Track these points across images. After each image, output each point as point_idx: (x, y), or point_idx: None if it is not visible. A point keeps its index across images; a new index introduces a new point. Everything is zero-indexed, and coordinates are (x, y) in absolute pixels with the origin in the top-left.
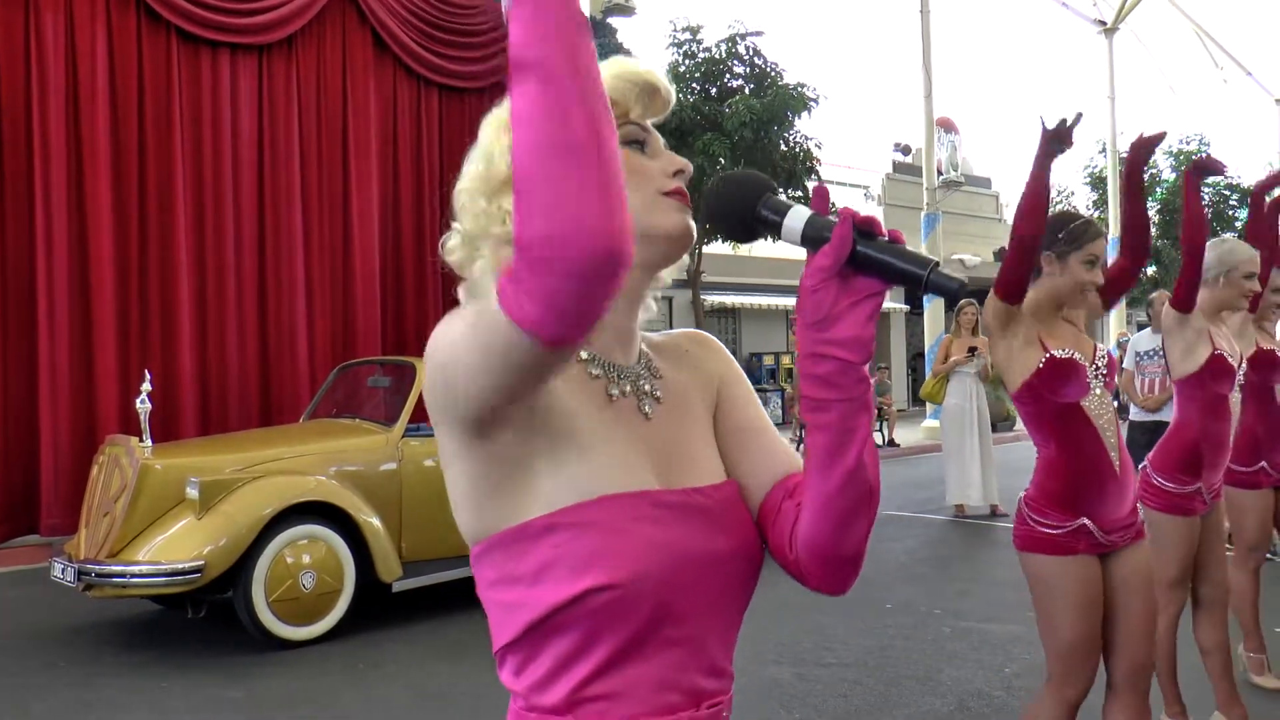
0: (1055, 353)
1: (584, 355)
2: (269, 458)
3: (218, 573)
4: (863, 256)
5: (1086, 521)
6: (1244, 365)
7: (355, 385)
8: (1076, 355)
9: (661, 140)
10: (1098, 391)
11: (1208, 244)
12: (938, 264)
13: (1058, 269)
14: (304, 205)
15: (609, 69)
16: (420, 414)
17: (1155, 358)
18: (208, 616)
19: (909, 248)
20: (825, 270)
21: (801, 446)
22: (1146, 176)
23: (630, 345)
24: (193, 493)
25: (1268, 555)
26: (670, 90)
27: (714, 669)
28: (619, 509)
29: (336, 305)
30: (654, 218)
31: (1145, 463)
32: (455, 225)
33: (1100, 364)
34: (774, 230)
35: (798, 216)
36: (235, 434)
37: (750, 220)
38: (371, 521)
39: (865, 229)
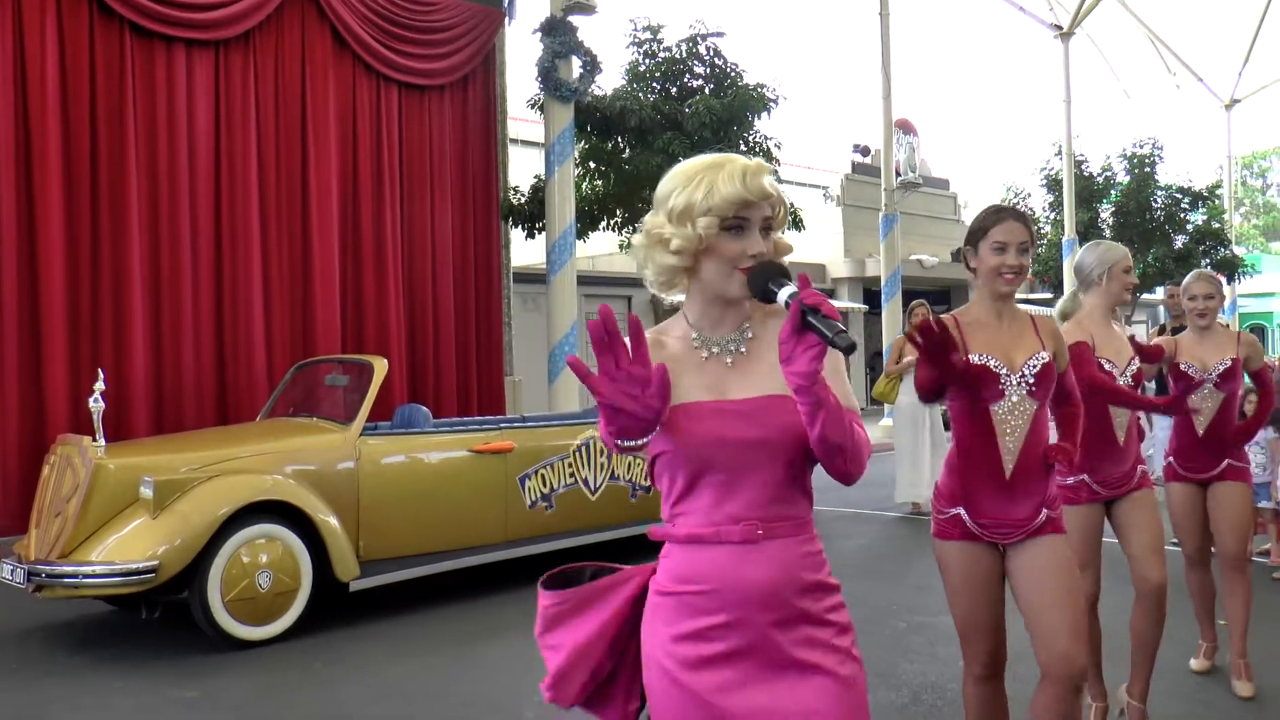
0: (972, 358)
1: (693, 335)
2: (225, 457)
3: (172, 573)
4: (808, 323)
5: (961, 511)
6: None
7: (313, 384)
8: (994, 363)
9: (762, 224)
10: (1014, 400)
11: (1084, 247)
12: (843, 331)
13: (976, 260)
14: (261, 203)
15: (734, 177)
16: (378, 413)
17: None
18: (162, 617)
19: (832, 320)
20: (788, 331)
21: None
22: (1101, 179)
23: (720, 327)
24: (147, 492)
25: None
26: (774, 188)
27: (747, 505)
28: (682, 410)
29: (295, 304)
30: (726, 284)
31: None
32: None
33: (1029, 372)
34: (774, 297)
35: (786, 292)
36: (191, 433)
37: (766, 289)
38: (329, 521)
39: (813, 306)
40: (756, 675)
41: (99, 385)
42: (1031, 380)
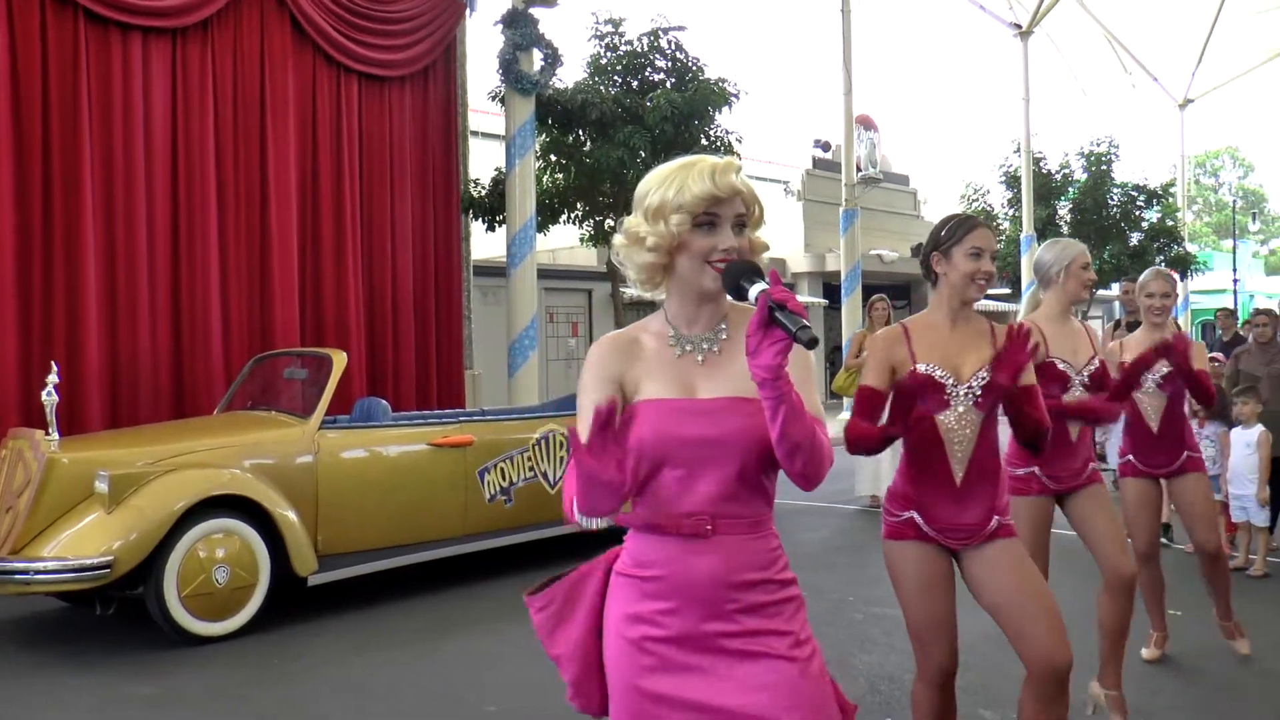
0: (919, 367)
1: (670, 333)
2: (182, 450)
3: (128, 568)
4: (775, 318)
5: (915, 515)
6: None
7: (271, 377)
8: (940, 374)
9: (734, 221)
10: (960, 409)
11: (1043, 245)
12: (806, 326)
13: (946, 266)
14: (219, 194)
15: (703, 174)
16: (337, 406)
17: None
18: (117, 613)
19: (797, 316)
20: (755, 325)
21: None
22: (1059, 177)
23: (695, 325)
24: (102, 486)
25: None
26: (745, 185)
27: (702, 500)
28: (648, 406)
29: (253, 296)
30: (699, 278)
31: None
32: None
33: (977, 384)
34: (746, 294)
35: (756, 288)
36: (146, 426)
37: (739, 286)
38: (287, 515)
39: (780, 302)
40: (695, 664)
41: (52, 378)
42: (979, 392)
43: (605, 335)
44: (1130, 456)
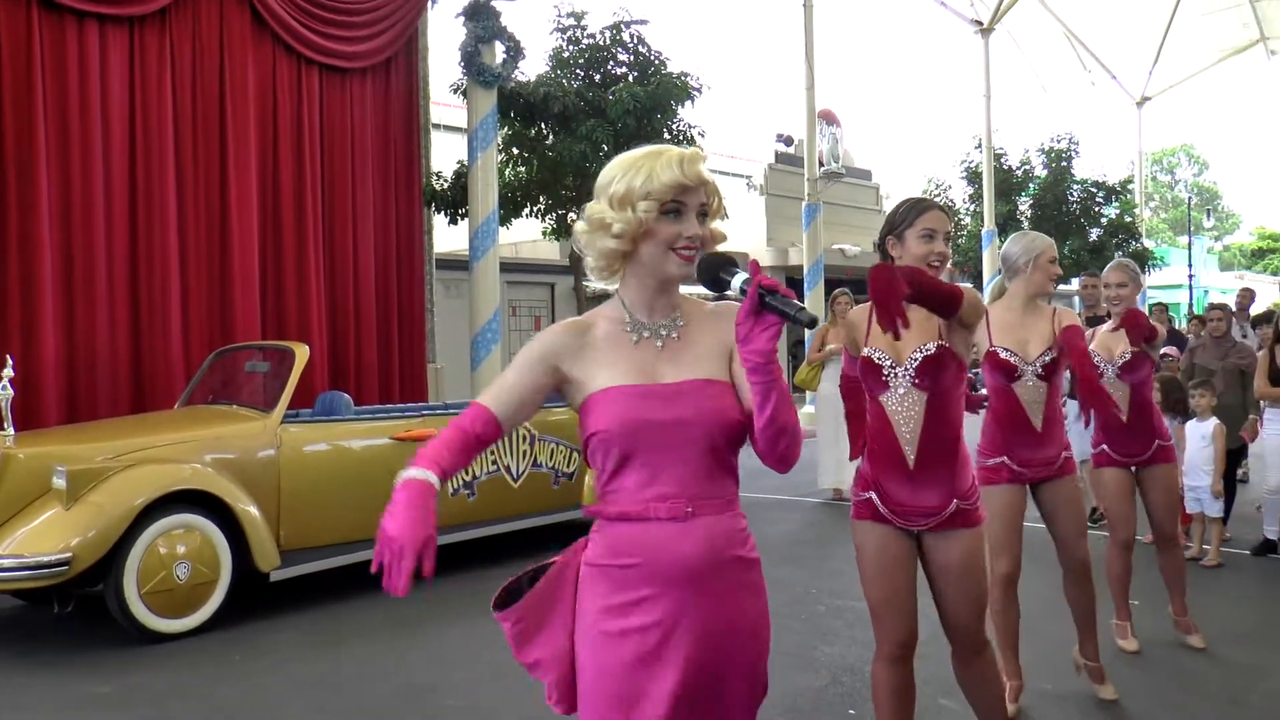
0: (865, 351)
1: (625, 320)
2: (141, 445)
3: (86, 565)
4: (767, 304)
5: (872, 495)
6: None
7: (232, 370)
8: (878, 356)
9: (698, 210)
10: (900, 391)
11: (1011, 237)
12: (802, 308)
13: (900, 249)
14: (178, 185)
15: (671, 163)
16: (299, 400)
17: None
18: (76, 612)
19: (790, 299)
20: (745, 312)
21: None
22: (1020, 173)
23: (653, 313)
24: (60, 482)
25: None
26: (709, 177)
27: (675, 483)
28: (613, 393)
29: (213, 289)
30: (663, 264)
31: None
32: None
33: (911, 365)
34: (726, 286)
35: (739, 279)
36: (105, 421)
37: (718, 278)
38: (249, 510)
39: (770, 288)
40: (675, 651)
41: (7, 372)
42: (912, 372)
43: (563, 320)
44: (1104, 446)
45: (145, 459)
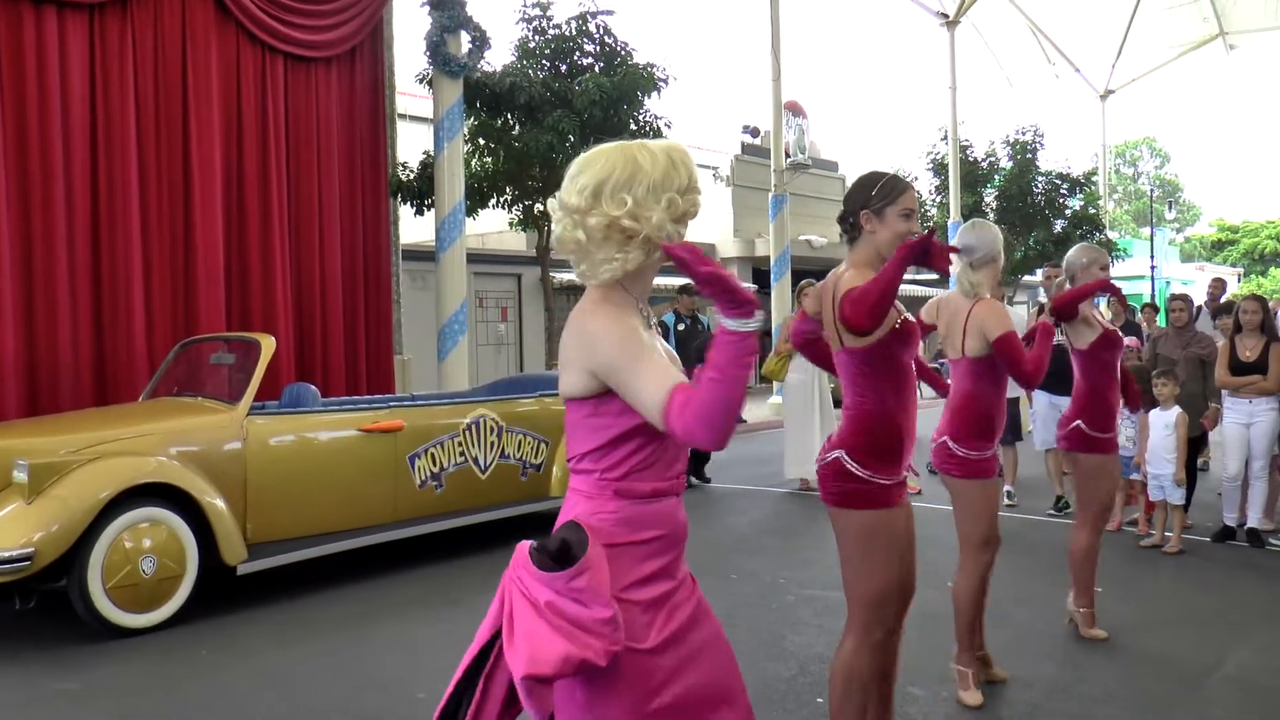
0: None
1: (639, 311)
2: (105, 438)
3: (49, 560)
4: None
5: (909, 475)
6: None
7: (198, 363)
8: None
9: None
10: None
11: (970, 228)
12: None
13: (877, 224)
14: (141, 175)
15: (686, 163)
16: (266, 392)
17: None
18: (38, 607)
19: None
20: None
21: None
22: (985, 165)
23: (643, 303)
24: (21, 476)
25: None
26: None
27: (680, 461)
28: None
29: (177, 280)
30: (660, 260)
31: (944, 435)
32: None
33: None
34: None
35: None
36: (69, 414)
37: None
38: (215, 503)
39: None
40: (693, 604)
41: None
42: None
43: (612, 307)
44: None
45: (109, 452)
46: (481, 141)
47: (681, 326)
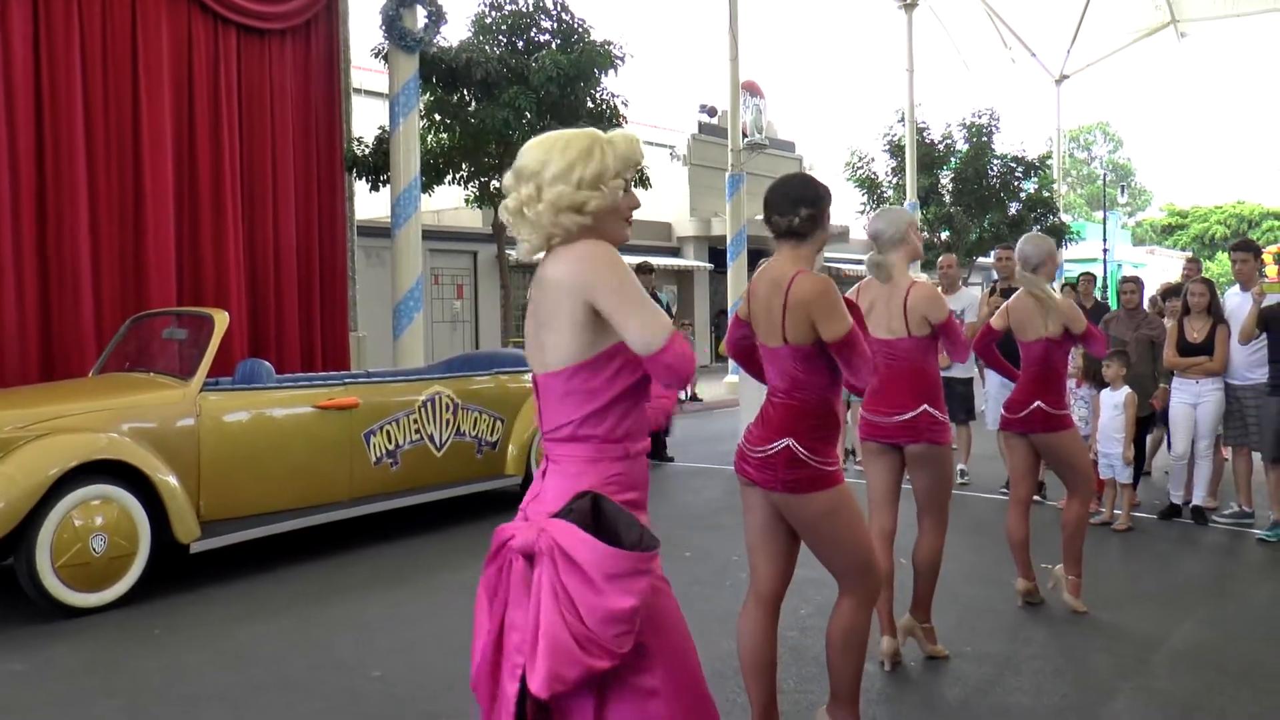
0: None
1: None
2: (54, 414)
3: None
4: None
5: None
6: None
7: (149, 338)
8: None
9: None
10: None
11: (877, 216)
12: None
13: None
14: (89, 150)
15: (634, 144)
16: (219, 368)
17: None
18: None
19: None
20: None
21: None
22: (942, 147)
23: None
24: None
25: (1035, 499)
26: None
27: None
28: None
29: (125, 256)
30: (620, 232)
31: (925, 405)
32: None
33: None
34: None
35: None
36: (16, 389)
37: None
38: (168, 480)
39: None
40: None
41: None
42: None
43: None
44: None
45: (58, 428)
46: (437, 117)
47: None
